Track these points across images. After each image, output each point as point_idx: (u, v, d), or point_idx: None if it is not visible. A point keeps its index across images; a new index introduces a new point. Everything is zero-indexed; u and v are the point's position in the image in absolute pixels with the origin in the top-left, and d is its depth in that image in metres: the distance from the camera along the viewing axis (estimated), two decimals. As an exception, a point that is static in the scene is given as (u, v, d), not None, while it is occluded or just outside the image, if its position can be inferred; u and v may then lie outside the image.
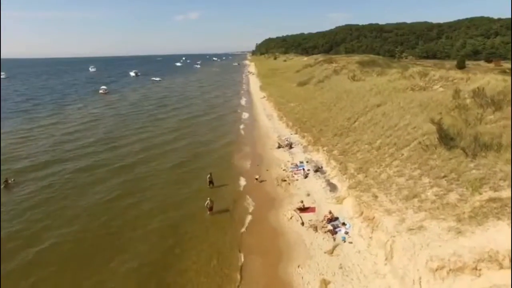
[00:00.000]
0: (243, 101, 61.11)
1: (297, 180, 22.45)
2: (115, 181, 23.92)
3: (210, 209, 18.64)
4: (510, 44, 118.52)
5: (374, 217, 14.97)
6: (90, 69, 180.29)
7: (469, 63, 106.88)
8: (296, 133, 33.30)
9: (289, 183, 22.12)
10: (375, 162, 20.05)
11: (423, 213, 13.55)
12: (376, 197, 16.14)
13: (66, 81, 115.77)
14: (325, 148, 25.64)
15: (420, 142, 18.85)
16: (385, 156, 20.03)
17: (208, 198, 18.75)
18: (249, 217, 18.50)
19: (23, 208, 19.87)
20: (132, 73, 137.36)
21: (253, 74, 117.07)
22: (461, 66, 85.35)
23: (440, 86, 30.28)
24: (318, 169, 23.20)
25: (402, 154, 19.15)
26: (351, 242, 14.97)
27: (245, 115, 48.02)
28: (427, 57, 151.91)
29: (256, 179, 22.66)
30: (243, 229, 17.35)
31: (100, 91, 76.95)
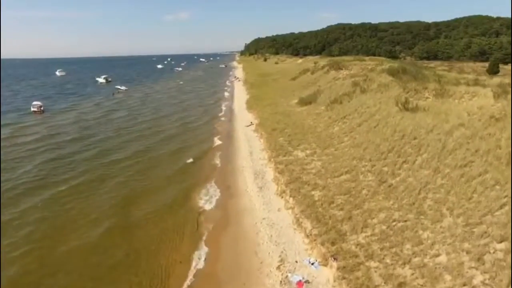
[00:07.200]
0: (221, 136, 39.58)
1: None
2: None
3: None
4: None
5: None
6: (57, 73, 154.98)
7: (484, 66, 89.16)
8: (329, 266, 13.70)
9: None
10: None
11: None
12: None
13: (17, 89, 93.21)
14: None
15: None
16: None
17: None
18: None
19: None
20: (101, 79, 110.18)
21: (239, 80, 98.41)
22: (494, 71, 68.93)
23: None
24: None
25: None
26: None
27: (216, 175, 26.47)
28: (427, 58, 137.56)
29: None
30: None
31: (33, 109, 56.75)
